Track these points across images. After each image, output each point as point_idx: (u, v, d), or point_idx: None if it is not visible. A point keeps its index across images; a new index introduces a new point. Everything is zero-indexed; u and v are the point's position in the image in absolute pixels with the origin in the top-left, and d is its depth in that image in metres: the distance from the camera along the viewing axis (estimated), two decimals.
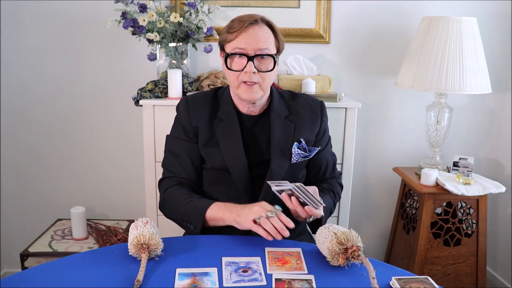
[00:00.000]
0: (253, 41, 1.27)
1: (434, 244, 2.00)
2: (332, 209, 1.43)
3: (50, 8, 2.12)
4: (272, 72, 1.32)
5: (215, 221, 1.25)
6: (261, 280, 1.02)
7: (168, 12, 1.97)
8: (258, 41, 1.28)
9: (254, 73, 1.28)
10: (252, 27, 1.28)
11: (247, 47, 1.28)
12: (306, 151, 1.39)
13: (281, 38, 1.35)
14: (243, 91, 1.31)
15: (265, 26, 1.31)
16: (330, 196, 1.41)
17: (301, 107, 1.43)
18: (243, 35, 1.28)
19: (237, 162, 1.35)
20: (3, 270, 2.38)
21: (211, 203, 1.26)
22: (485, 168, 2.37)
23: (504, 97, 2.30)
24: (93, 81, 2.22)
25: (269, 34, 1.31)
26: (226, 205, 1.24)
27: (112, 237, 2.02)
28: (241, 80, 1.30)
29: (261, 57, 1.29)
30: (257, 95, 1.32)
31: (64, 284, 0.99)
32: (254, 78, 1.29)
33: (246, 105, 1.38)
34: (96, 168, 2.32)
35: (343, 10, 2.18)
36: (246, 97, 1.31)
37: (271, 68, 1.31)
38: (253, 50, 1.28)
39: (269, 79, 1.33)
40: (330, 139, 1.52)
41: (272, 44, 1.31)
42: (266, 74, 1.31)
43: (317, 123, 1.44)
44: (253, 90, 1.30)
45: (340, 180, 1.55)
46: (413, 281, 1.01)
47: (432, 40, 1.88)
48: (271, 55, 1.30)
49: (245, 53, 1.28)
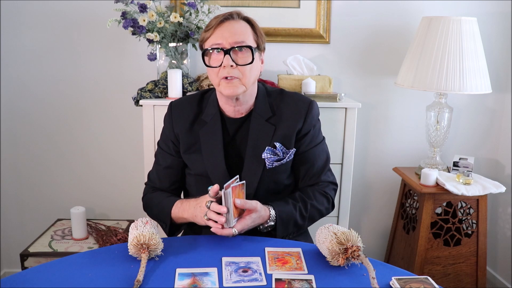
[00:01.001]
0: (228, 35, 1.25)
1: (434, 244, 2.00)
2: (299, 222, 1.30)
3: (50, 8, 2.12)
4: (253, 66, 1.28)
5: (180, 219, 1.31)
6: (261, 280, 1.02)
7: (168, 12, 1.97)
8: (234, 33, 1.25)
9: (232, 67, 1.25)
10: (227, 21, 1.26)
11: (223, 41, 1.25)
12: (280, 155, 1.33)
13: (260, 33, 1.32)
14: (224, 86, 1.28)
15: (242, 21, 1.29)
16: (296, 207, 1.30)
17: (287, 107, 1.36)
18: (218, 30, 1.26)
19: (216, 168, 1.34)
20: (3, 270, 2.38)
21: (174, 203, 1.32)
22: (485, 168, 2.37)
23: (504, 97, 2.30)
24: (93, 81, 2.22)
25: (245, 27, 1.29)
26: (183, 204, 1.29)
27: (112, 237, 2.02)
28: (221, 76, 1.27)
29: (238, 49, 1.25)
30: (238, 90, 1.27)
31: (64, 284, 0.98)
32: (232, 72, 1.25)
33: (231, 104, 1.34)
34: (96, 168, 2.32)
35: (343, 10, 2.18)
36: (227, 93, 1.28)
37: (249, 61, 1.26)
38: (229, 44, 1.25)
39: (250, 73, 1.28)
40: (321, 143, 1.42)
41: (250, 38, 1.28)
42: (246, 67, 1.26)
43: (299, 122, 1.34)
44: (233, 85, 1.27)
45: (329, 190, 1.40)
46: (413, 281, 1.01)
47: (432, 40, 1.88)
48: (248, 47, 1.26)
49: (221, 47, 1.25)
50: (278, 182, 1.37)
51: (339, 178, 1.97)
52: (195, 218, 1.23)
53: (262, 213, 1.23)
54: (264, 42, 1.34)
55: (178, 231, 1.41)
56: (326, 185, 1.41)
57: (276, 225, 1.26)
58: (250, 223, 1.19)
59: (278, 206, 1.28)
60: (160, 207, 1.36)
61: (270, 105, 1.37)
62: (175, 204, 1.32)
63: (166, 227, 1.35)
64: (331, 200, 1.41)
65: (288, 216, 1.28)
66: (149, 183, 1.48)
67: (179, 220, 1.32)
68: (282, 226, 1.27)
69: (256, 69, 1.31)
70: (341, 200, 1.99)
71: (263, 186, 1.34)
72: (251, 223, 1.20)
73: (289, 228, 1.29)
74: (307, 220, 1.34)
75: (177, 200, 1.33)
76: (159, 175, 1.44)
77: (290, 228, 1.29)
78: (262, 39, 1.32)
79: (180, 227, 1.39)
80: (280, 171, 1.36)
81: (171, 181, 1.44)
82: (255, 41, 1.30)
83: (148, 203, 1.43)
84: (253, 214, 1.20)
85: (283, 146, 1.33)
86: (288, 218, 1.28)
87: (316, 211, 1.36)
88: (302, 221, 1.32)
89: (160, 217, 1.36)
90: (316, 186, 1.39)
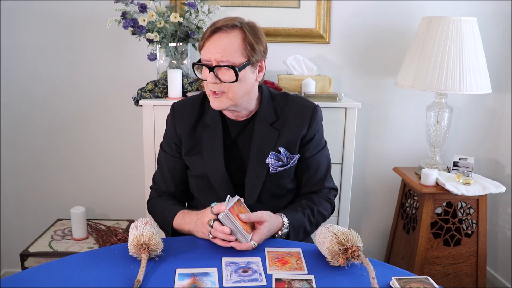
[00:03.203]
0: (215, 51, 1.22)
1: (434, 244, 2.00)
2: (308, 229, 1.32)
3: (50, 9, 2.12)
4: (240, 83, 1.25)
5: (182, 231, 1.29)
6: (261, 280, 1.02)
7: (168, 12, 1.97)
8: (219, 51, 1.21)
9: (216, 83, 1.24)
10: (217, 34, 1.22)
11: (210, 57, 1.23)
12: (284, 160, 1.33)
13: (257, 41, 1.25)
14: (212, 100, 1.28)
15: (233, 32, 1.23)
16: (305, 214, 1.32)
17: (291, 112, 1.35)
18: (208, 43, 1.23)
19: (216, 170, 1.33)
20: (3, 270, 2.38)
21: (176, 214, 1.31)
22: (485, 168, 2.37)
23: (504, 97, 2.30)
24: (93, 81, 2.22)
25: (234, 41, 1.22)
26: (185, 217, 1.28)
27: (112, 237, 2.02)
28: (209, 89, 1.27)
29: (223, 67, 1.22)
30: (224, 105, 1.27)
31: (64, 284, 0.98)
32: (218, 88, 1.24)
33: (228, 111, 1.34)
34: (96, 168, 2.32)
35: (343, 10, 2.18)
36: (214, 107, 1.29)
37: (233, 80, 1.23)
38: (215, 60, 1.22)
39: (237, 89, 1.25)
40: (324, 148, 1.42)
41: (238, 54, 1.22)
42: (232, 85, 1.24)
43: (304, 127, 1.34)
44: (219, 100, 1.27)
45: (332, 196, 1.43)
46: (413, 281, 1.01)
47: (432, 40, 1.88)
48: (231, 67, 1.22)
49: (207, 64, 1.24)
50: (281, 186, 1.38)
51: (339, 178, 1.98)
52: (197, 233, 1.22)
53: (274, 221, 1.22)
54: (263, 50, 1.29)
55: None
56: (329, 191, 1.42)
57: (289, 232, 1.27)
58: (266, 232, 1.19)
59: (289, 214, 1.28)
60: (163, 216, 1.35)
61: (274, 109, 1.36)
62: (177, 215, 1.30)
63: (168, 234, 1.35)
64: (333, 205, 1.44)
65: (299, 223, 1.29)
66: (155, 186, 1.47)
67: (181, 230, 1.30)
68: (294, 233, 1.28)
69: (247, 83, 1.27)
70: (341, 200, 1.99)
71: (266, 190, 1.35)
72: (267, 232, 1.20)
73: (300, 235, 1.31)
74: (314, 226, 1.36)
75: (179, 211, 1.32)
76: (164, 178, 1.43)
77: (300, 235, 1.31)
78: (258, 48, 1.26)
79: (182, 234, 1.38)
80: (284, 175, 1.36)
81: (176, 183, 1.43)
82: (244, 55, 1.24)
83: (153, 209, 1.43)
84: (266, 224, 1.19)
85: (287, 151, 1.33)
86: (299, 226, 1.29)
87: (321, 217, 1.38)
88: (310, 227, 1.34)
89: (163, 225, 1.36)
90: (320, 192, 1.40)
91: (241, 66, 1.24)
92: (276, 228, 1.23)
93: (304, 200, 1.37)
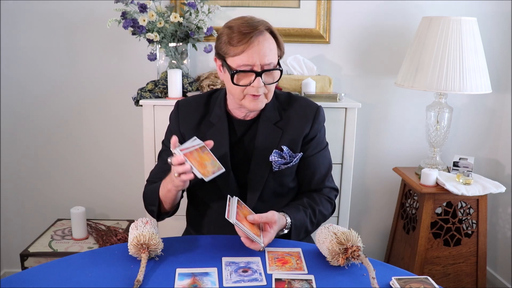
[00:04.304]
0: (259, 57, 1.22)
1: (434, 244, 2.00)
2: (309, 228, 1.33)
3: (50, 9, 2.12)
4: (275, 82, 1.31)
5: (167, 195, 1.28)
6: (261, 280, 1.02)
7: (168, 12, 1.97)
8: (264, 55, 1.23)
9: (263, 87, 1.26)
10: (256, 39, 1.22)
11: (255, 63, 1.22)
12: (287, 158, 1.34)
13: (281, 41, 1.30)
14: (249, 101, 1.28)
15: (268, 34, 1.26)
16: (306, 214, 1.33)
17: (294, 112, 1.38)
18: (248, 50, 1.22)
19: None
20: (3, 270, 2.38)
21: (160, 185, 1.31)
22: (485, 168, 2.37)
23: (504, 97, 2.30)
24: (93, 81, 2.22)
25: (272, 43, 1.26)
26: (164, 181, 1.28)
27: (112, 237, 2.02)
28: (246, 93, 1.28)
29: (271, 70, 1.26)
30: (262, 105, 1.31)
31: (64, 284, 0.99)
32: (261, 91, 1.27)
33: (244, 111, 1.35)
34: (96, 168, 2.32)
35: (343, 10, 2.18)
36: (252, 108, 1.29)
37: (277, 79, 1.29)
38: (260, 66, 1.23)
39: (273, 89, 1.32)
40: (325, 148, 1.44)
41: (275, 54, 1.27)
42: (272, 85, 1.29)
43: (306, 127, 1.36)
44: (259, 101, 1.29)
45: (332, 195, 1.44)
46: (413, 281, 1.01)
47: (432, 40, 1.88)
48: (278, 69, 1.27)
49: (253, 69, 1.24)
50: (283, 184, 1.39)
51: (339, 178, 1.98)
52: (173, 182, 1.21)
53: (281, 222, 1.24)
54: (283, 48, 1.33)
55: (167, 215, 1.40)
56: (330, 190, 1.44)
57: (291, 232, 1.27)
58: (274, 234, 1.20)
59: (291, 213, 1.28)
60: (152, 190, 1.36)
61: (278, 109, 1.39)
62: (161, 185, 1.31)
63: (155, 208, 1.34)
64: (334, 205, 1.45)
65: (301, 223, 1.30)
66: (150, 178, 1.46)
67: (167, 197, 1.30)
68: (296, 233, 1.28)
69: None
70: (341, 200, 1.99)
71: (269, 188, 1.36)
72: (274, 233, 1.20)
73: (301, 234, 1.31)
74: (315, 226, 1.37)
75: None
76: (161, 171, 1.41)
77: (301, 234, 1.31)
78: (283, 48, 1.31)
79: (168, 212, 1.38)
80: (286, 174, 1.37)
81: None
82: (278, 55, 1.30)
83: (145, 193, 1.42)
84: (275, 227, 1.19)
85: (290, 150, 1.35)
86: (301, 225, 1.30)
87: (322, 216, 1.39)
88: (311, 227, 1.35)
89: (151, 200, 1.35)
90: (321, 192, 1.42)
91: (279, 65, 1.29)
92: (280, 228, 1.24)
93: (305, 198, 1.38)
